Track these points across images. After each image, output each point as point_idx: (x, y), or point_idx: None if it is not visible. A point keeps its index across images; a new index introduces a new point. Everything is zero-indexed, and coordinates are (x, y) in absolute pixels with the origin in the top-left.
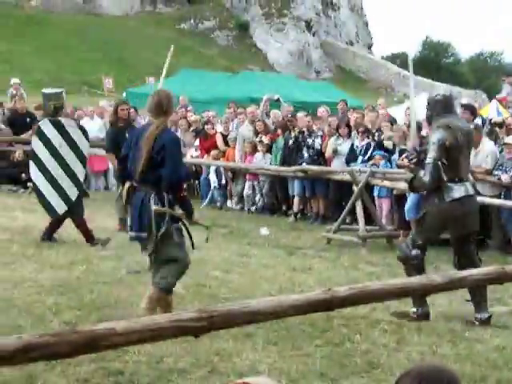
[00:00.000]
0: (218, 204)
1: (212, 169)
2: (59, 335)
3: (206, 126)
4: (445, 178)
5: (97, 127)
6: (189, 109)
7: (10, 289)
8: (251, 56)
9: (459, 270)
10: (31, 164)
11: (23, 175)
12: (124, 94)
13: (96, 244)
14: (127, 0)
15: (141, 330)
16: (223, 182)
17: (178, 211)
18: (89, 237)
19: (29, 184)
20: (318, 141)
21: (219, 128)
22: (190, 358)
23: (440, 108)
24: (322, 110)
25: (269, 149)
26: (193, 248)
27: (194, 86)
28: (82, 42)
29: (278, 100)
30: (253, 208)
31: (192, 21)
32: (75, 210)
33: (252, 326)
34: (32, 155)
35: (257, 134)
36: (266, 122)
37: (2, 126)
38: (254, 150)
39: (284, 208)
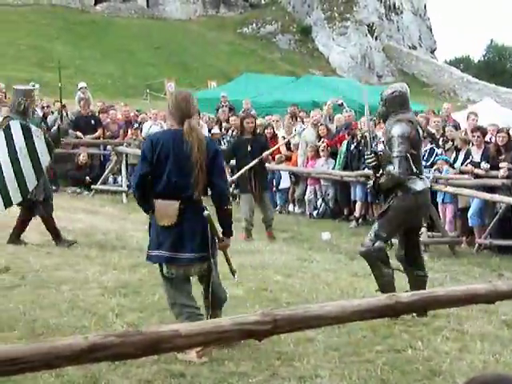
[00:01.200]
0: (279, 208)
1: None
2: (124, 336)
3: (265, 130)
4: (414, 170)
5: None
6: (252, 113)
7: (74, 289)
8: (313, 60)
9: (405, 261)
10: None
11: (87, 178)
12: None
13: (61, 244)
14: (190, 4)
15: (204, 333)
16: (284, 186)
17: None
18: (56, 236)
19: (92, 186)
20: (380, 145)
21: (281, 132)
22: (251, 361)
23: (397, 104)
24: None
25: (331, 153)
26: (234, 276)
27: (257, 90)
28: (145, 46)
29: (341, 105)
30: (314, 212)
31: (254, 25)
32: (44, 209)
33: (313, 330)
34: None
35: (320, 138)
36: (329, 127)
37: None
38: (317, 154)
39: (345, 213)
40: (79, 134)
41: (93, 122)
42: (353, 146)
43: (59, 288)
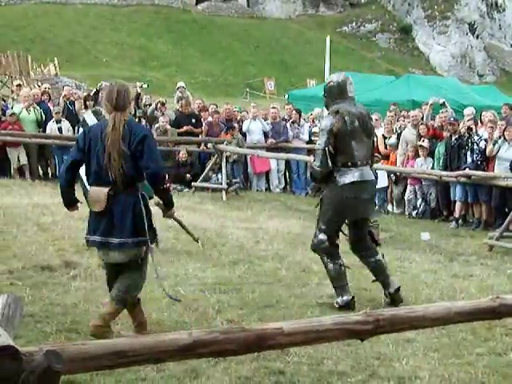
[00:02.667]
0: (377, 208)
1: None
2: (228, 333)
3: None
4: (337, 164)
5: (259, 129)
6: None
7: (175, 285)
8: (413, 59)
9: (357, 252)
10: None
11: (188, 175)
12: (286, 96)
13: None
14: (290, 3)
15: (307, 331)
16: (381, 185)
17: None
18: None
19: (193, 184)
20: (481, 145)
21: (381, 131)
22: (351, 360)
23: (334, 94)
24: (488, 114)
25: (430, 153)
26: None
27: (357, 89)
28: (245, 45)
29: (443, 104)
30: (414, 212)
31: (354, 23)
32: None
33: (413, 331)
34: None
35: (420, 137)
36: (429, 125)
37: (168, 127)
38: (417, 154)
39: (445, 213)
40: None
41: (193, 120)
42: (453, 146)
43: (161, 283)
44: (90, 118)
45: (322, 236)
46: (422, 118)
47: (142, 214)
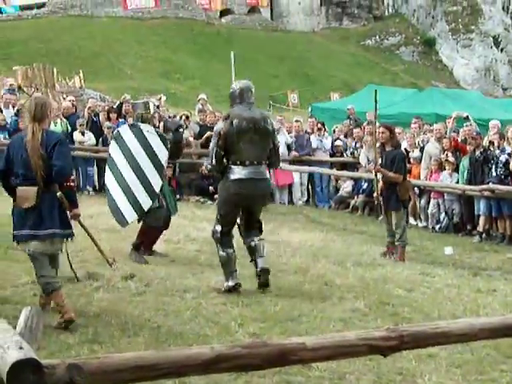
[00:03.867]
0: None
1: None
2: (250, 347)
3: None
4: (228, 162)
5: (282, 142)
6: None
7: (197, 298)
8: (436, 72)
9: (243, 235)
10: (107, 168)
11: (211, 188)
12: (309, 109)
13: (134, 256)
14: (314, 16)
15: (330, 347)
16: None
17: None
18: (135, 244)
19: (215, 196)
20: (505, 159)
21: (404, 144)
22: (373, 376)
23: (234, 99)
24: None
25: (455, 167)
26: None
27: (380, 101)
28: (268, 58)
29: (466, 118)
30: (437, 226)
31: (377, 37)
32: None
33: (436, 346)
34: (108, 159)
35: (443, 151)
36: (453, 139)
37: (191, 140)
38: (440, 167)
39: (469, 227)
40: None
41: None
42: (477, 160)
43: (183, 296)
44: (126, 133)
45: (217, 227)
46: (446, 132)
47: (66, 209)
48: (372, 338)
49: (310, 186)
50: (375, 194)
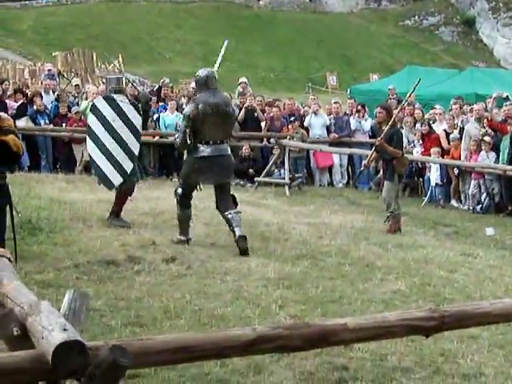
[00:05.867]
0: (441, 203)
1: (434, 167)
2: (292, 328)
3: (421, 126)
4: (195, 141)
5: (321, 124)
6: (416, 106)
7: (238, 280)
8: (476, 52)
9: (220, 210)
10: (87, 139)
11: (250, 170)
12: (348, 91)
13: (111, 221)
14: None
15: (371, 328)
16: (445, 180)
17: None
18: (113, 211)
19: (256, 179)
20: None
21: (443, 125)
22: (414, 357)
23: (200, 85)
24: None
25: (494, 147)
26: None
27: (414, 86)
28: (307, 40)
29: (506, 98)
30: (478, 207)
31: (416, 17)
32: (125, 185)
33: (477, 327)
34: (88, 130)
35: (485, 132)
36: (493, 119)
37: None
38: (480, 148)
39: (510, 208)
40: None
41: (255, 114)
42: None
43: (224, 278)
44: (101, 104)
45: (179, 190)
46: (486, 112)
47: None
48: (413, 318)
49: (349, 168)
50: (364, 162)
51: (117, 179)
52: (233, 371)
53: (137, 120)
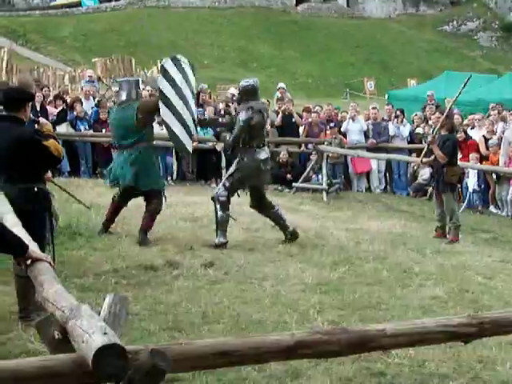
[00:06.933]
0: (479, 208)
1: (471, 173)
2: (330, 334)
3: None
4: (251, 145)
5: (358, 129)
6: (455, 112)
7: (275, 285)
8: None
9: (258, 209)
10: (160, 104)
11: (288, 175)
12: (386, 97)
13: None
14: (390, 2)
15: (410, 333)
16: (483, 186)
17: None
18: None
19: (293, 184)
20: None
21: (482, 131)
22: (453, 363)
23: (249, 94)
24: None
25: None
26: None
27: (458, 88)
28: (345, 45)
29: None
30: None
31: (455, 22)
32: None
33: None
34: (160, 95)
35: None
36: None
37: (268, 128)
38: None
39: None
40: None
41: (293, 119)
42: None
43: (261, 284)
44: (170, 67)
45: (224, 192)
46: None
47: None
48: (452, 324)
49: (387, 174)
50: (417, 160)
51: (189, 144)
52: (271, 376)
53: (193, 83)
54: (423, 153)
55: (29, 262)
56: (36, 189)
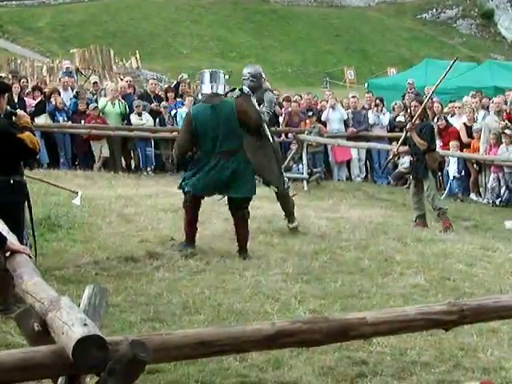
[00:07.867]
0: (460, 196)
1: (452, 160)
2: (311, 323)
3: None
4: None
5: (338, 118)
6: (435, 99)
7: (256, 275)
8: (495, 45)
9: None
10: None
11: None
12: (366, 85)
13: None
14: None
15: (391, 321)
16: (463, 173)
17: None
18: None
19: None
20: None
21: (463, 119)
22: (434, 351)
23: (260, 80)
24: None
25: None
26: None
27: (438, 76)
28: (324, 34)
29: None
30: (497, 200)
31: (434, 10)
32: None
33: (497, 321)
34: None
35: (505, 125)
36: None
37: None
38: (499, 141)
39: None
40: None
41: None
42: None
43: (242, 274)
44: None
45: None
46: (506, 104)
47: None
48: (433, 312)
49: (368, 162)
50: (394, 150)
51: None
52: (252, 366)
53: None
54: (400, 141)
55: (8, 254)
56: (12, 181)
